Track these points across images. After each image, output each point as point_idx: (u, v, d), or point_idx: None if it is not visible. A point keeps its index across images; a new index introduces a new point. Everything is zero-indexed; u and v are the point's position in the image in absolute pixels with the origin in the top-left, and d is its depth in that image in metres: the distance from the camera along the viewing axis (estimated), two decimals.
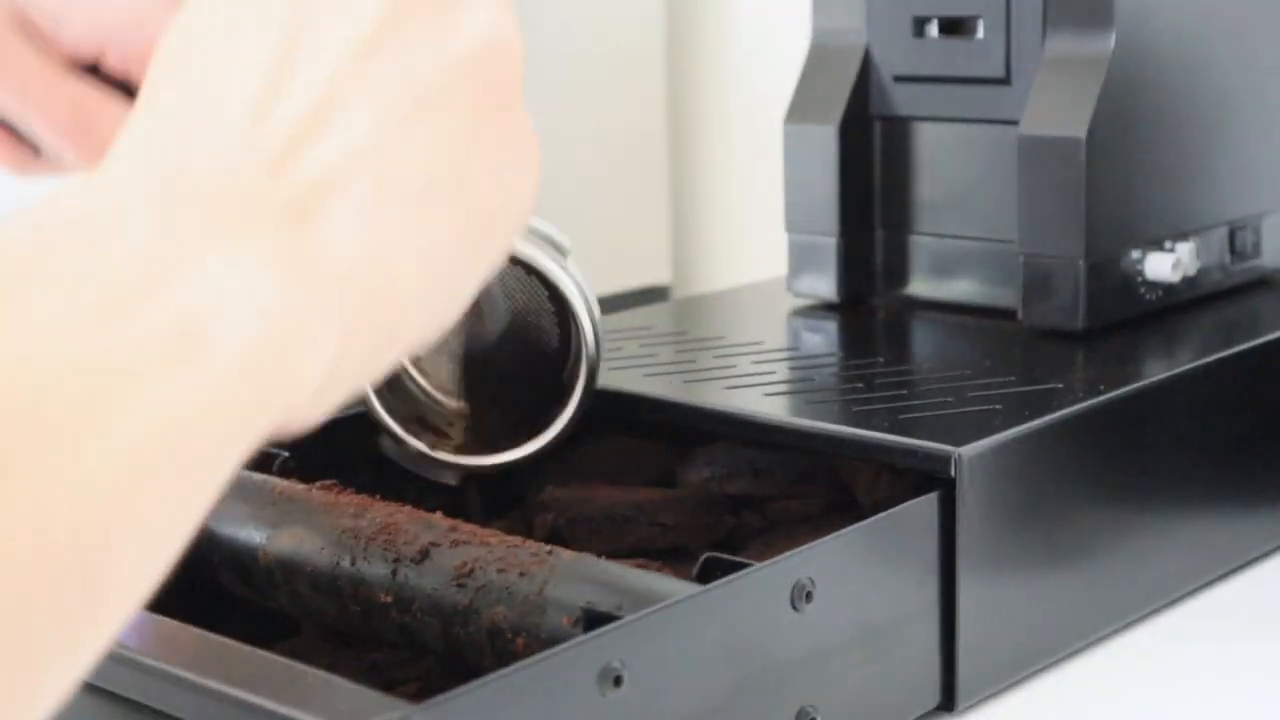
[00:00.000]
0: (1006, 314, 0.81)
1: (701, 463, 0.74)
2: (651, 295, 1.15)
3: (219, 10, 0.39)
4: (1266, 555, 0.77)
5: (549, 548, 0.58)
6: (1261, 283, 0.89)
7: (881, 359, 0.78)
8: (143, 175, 0.36)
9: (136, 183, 0.36)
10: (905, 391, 0.71)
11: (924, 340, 0.83)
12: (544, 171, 0.40)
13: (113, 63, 0.54)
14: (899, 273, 0.86)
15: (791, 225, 0.87)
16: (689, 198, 1.19)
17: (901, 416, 0.66)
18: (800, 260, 0.87)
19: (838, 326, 0.85)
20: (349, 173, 0.36)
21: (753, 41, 1.14)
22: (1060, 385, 0.71)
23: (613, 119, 1.13)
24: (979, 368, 0.74)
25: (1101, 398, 0.68)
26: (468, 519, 0.62)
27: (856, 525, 0.60)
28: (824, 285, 0.86)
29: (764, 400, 0.72)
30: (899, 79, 0.84)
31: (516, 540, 0.59)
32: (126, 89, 0.55)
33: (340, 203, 0.36)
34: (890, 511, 0.61)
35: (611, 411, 0.72)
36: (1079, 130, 0.76)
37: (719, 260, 1.20)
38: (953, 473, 0.61)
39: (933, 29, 0.83)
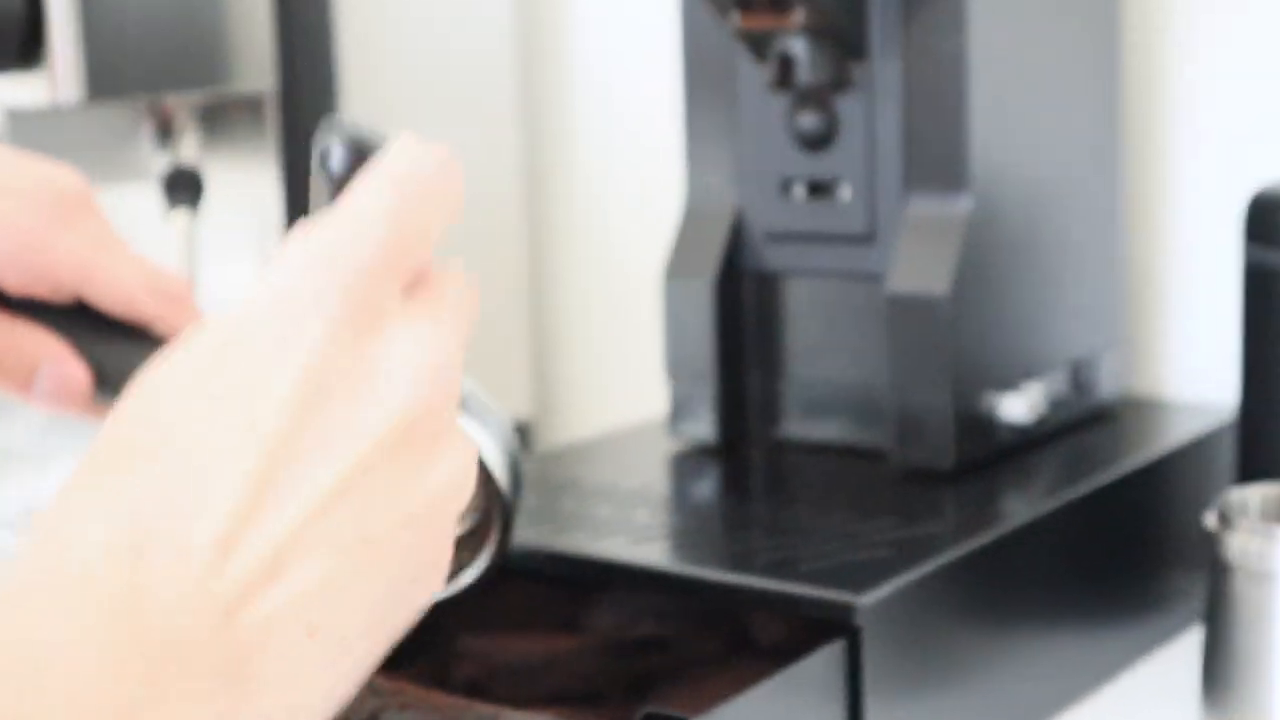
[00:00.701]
0: (877, 455, 0.87)
1: (606, 608, 0.78)
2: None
3: (200, 391, 0.39)
4: (1131, 665, 0.85)
5: (492, 710, 0.62)
6: (1100, 415, 0.96)
7: (770, 503, 0.84)
8: (95, 597, 0.36)
9: (89, 605, 0.36)
10: (798, 539, 0.76)
11: (805, 482, 0.88)
12: None
13: (14, 287, 0.58)
14: (775, 416, 0.92)
15: (672, 373, 0.92)
16: (552, 330, 1.24)
17: (802, 566, 0.72)
18: (681, 405, 0.92)
19: (720, 471, 0.90)
20: (293, 620, 0.38)
21: (621, 187, 1.19)
22: (939, 528, 0.77)
23: (477, 260, 1.17)
24: (860, 509, 0.80)
25: (980, 540, 0.74)
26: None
27: (769, 680, 0.65)
28: (704, 429, 0.91)
29: (665, 551, 0.77)
30: (769, 236, 0.90)
31: (461, 702, 0.63)
32: (32, 306, 0.58)
33: (278, 653, 0.37)
34: (799, 664, 0.66)
35: (513, 562, 0.76)
36: (942, 288, 0.83)
37: (582, 396, 1.25)
38: (856, 621, 0.67)
39: (799, 190, 0.89)
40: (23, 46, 0.91)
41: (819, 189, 0.89)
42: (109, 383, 0.59)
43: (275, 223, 1.02)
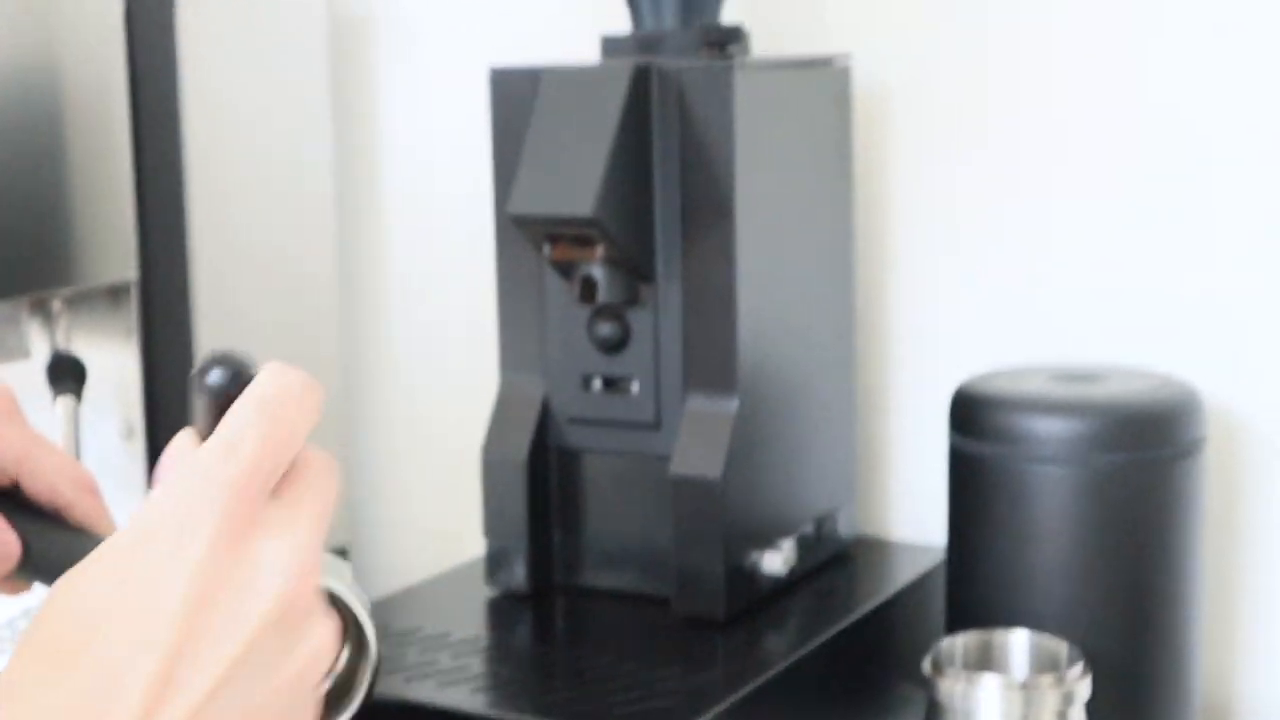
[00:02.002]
0: (662, 601, 1.06)
1: None
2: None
3: (106, 605, 0.50)
4: None
5: None
6: (839, 557, 1.16)
7: (571, 650, 1.02)
8: None
9: None
10: (596, 686, 0.95)
11: (601, 628, 1.07)
12: None
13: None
14: (577, 568, 1.10)
15: (489, 531, 1.10)
16: (367, 470, 1.40)
17: (616, 712, 0.90)
18: (496, 559, 1.10)
19: (529, 617, 1.08)
20: None
21: (440, 377, 1.37)
22: (713, 676, 0.96)
23: None
24: (647, 657, 0.99)
25: (748, 687, 0.94)
26: None
27: None
28: (516, 579, 1.10)
29: (475, 696, 0.95)
30: (571, 420, 1.09)
31: None
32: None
33: None
34: None
35: None
36: (715, 472, 1.02)
37: (395, 526, 1.41)
38: None
39: (598, 384, 1.08)
40: None
41: (614, 384, 1.07)
42: (29, 558, 0.74)
43: (136, 399, 1.18)
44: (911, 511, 1.24)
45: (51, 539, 0.71)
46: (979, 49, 1.17)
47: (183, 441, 0.56)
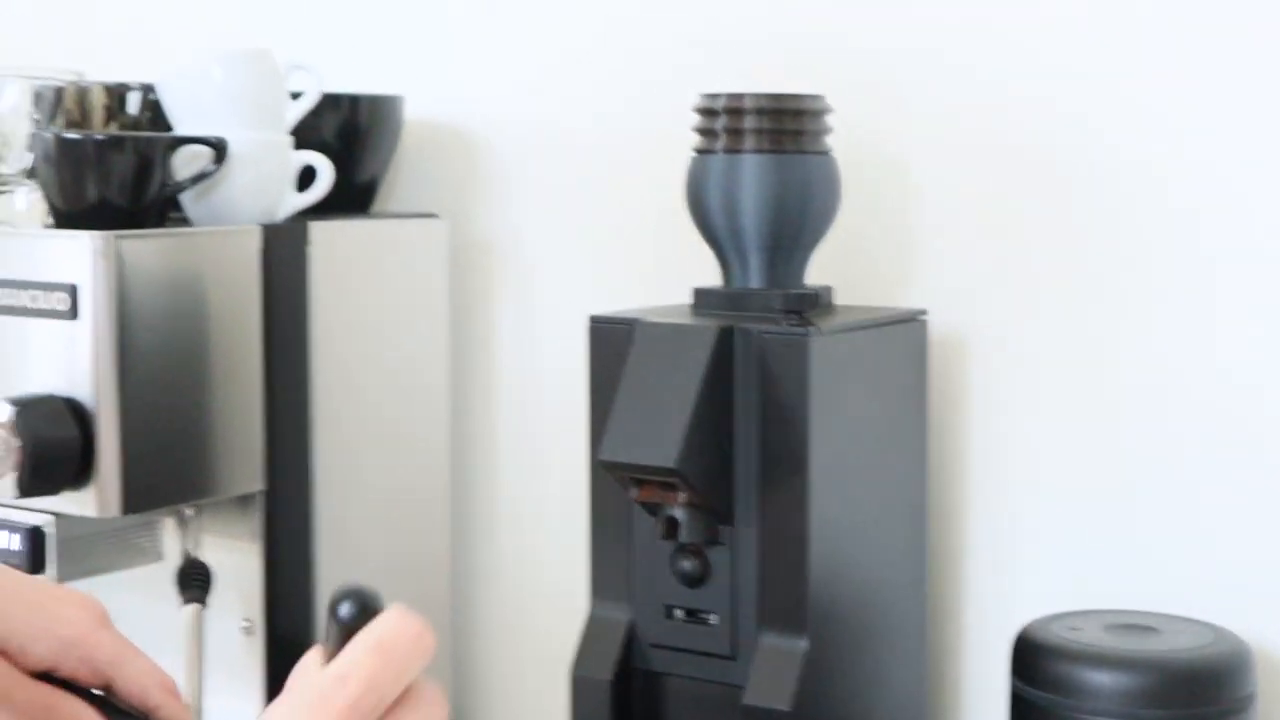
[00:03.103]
0: None
1: None
2: None
3: None
4: None
5: None
6: None
7: None
8: None
9: None
10: None
11: None
12: None
13: (65, 671, 0.83)
14: None
15: None
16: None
17: None
18: None
19: None
20: None
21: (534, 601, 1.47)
22: None
23: None
24: None
25: None
26: None
27: None
28: None
29: None
30: (654, 646, 1.17)
31: None
32: (74, 688, 0.84)
33: None
34: None
35: None
36: (784, 704, 1.10)
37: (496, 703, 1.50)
38: None
39: (679, 614, 1.16)
40: (77, 474, 1.16)
41: (694, 615, 1.15)
42: None
43: (257, 597, 1.27)
44: None
45: None
46: (1057, 301, 1.25)
47: (310, 659, 0.67)
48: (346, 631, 0.66)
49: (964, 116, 1.27)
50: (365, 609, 0.67)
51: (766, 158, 1.16)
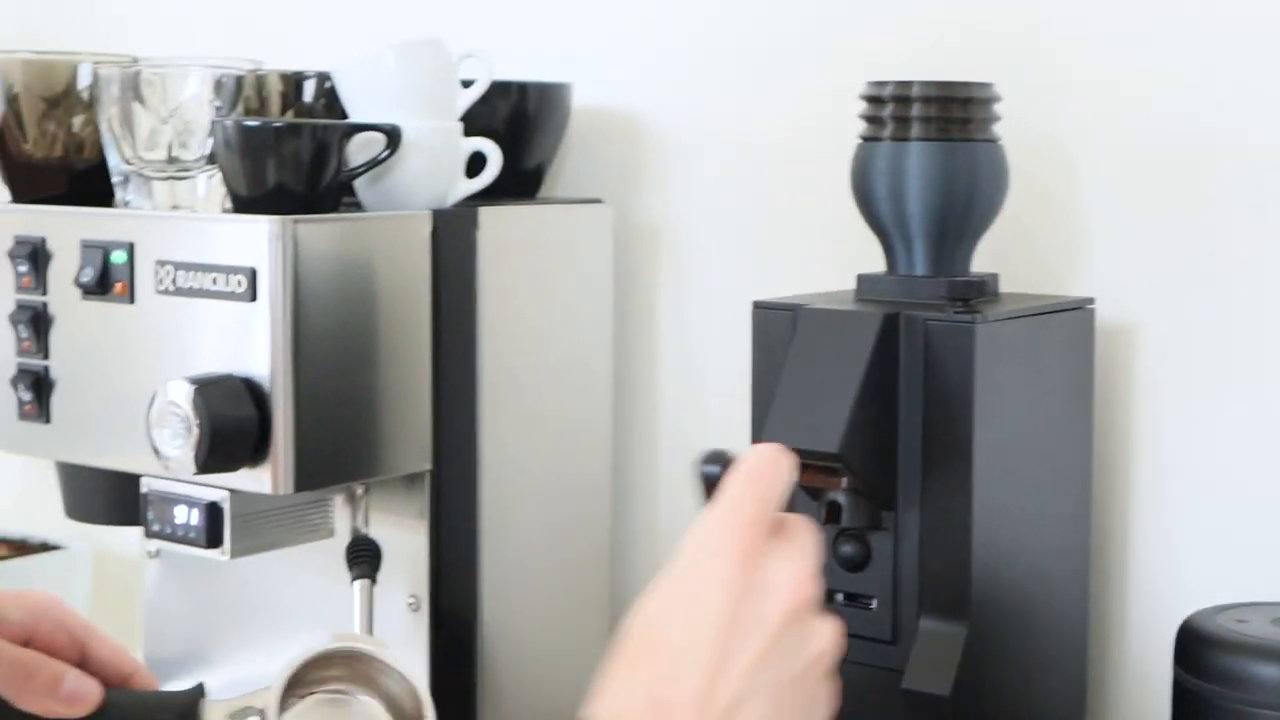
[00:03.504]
0: None
1: None
2: None
3: (670, 611, 0.69)
4: None
5: None
6: None
7: None
8: None
9: None
10: None
11: None
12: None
13: (42, 636, 0.89)
14: None
15: None
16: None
17: None
18: None
19: None
20: None
21: None
22: None
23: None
24: None
25: None
26: None
27: None
28: None
29: None
30: None
31: None
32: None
33: None
34: None
35: None
36: (944, 689, 1.10)
37: None
38: None
39: (839, 599, 1.17)
40: (253, 452, 1.20)
41: (854, 599, 1.16)
42: (105, 705, 0.90)
43: (424, 575, 1.30)
44: None
45: (122, 692, 0.87)
46: (1226, 291, 1.24)
47: (699, 521, 0.73)
48: (714, 486, 0.74)
49: (1132, 105, 1.26)
50: (727, 463, 0.75)
51: (934, 145, 1.16)
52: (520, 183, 1.42)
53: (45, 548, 1.73)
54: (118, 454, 1.27)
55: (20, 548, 1.73)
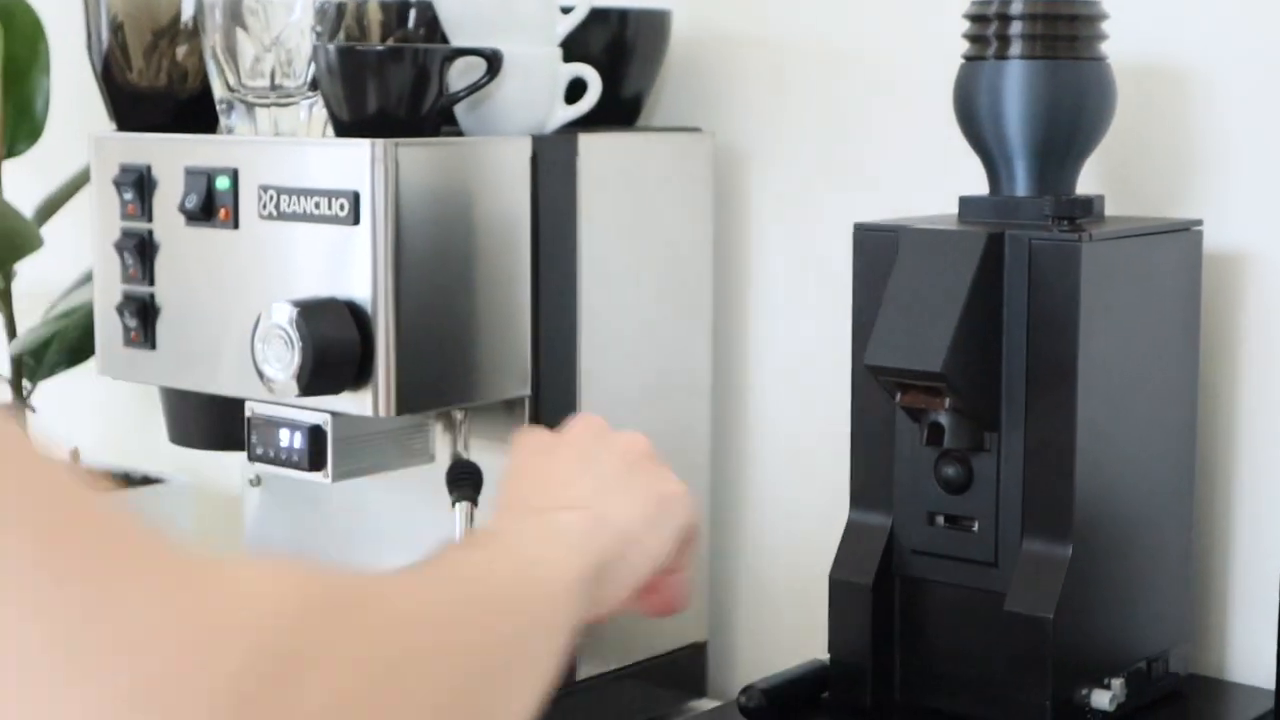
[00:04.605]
0: None
1: None
2: (692, 651, 1.46)
3: (538, 462, 0.89)
4: None
5: None
6: (1170, 695, 1.22)
7: None
8: (519, 530, 0.82)
9: (519, 532, 0.81)
10: None
11: None
12: None
13: None
14: (914, 689, 1.19)
15: (833, 648, 1.19)
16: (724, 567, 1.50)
17: None
18: (839, 679, 1.19)
19: None
20: (620, 528, 0.83)
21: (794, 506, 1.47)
22: None
23: None
24: None
25: None
26: None
27: None
28: (858, 697, 1.18)
29: None
30: (915, 552, 1.17)
31: None
32: None
33: (614, 529, 0.83)
34: None
35: None
36: (1047, 611, 1.10)
37: (750, 620, 1.52)
38: None
39: (940, 520, 1.16)
40: (355, 375, 1.20)
41: (956, 521, 1.16)
42: None
43: None
44: (1248, 654, 1.27)
45: None
46: None
47: None
48: None
49: (1245, 22, 1.24)
50: None
51: (1039, 64, 1.15)
52: (619, 111, 1.42)
53: (147, 481, 1.75)
54: (222, 379, 1.29)
55: (124, 481, 1.75)
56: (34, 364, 1.71)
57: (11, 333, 1.71)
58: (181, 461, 1.81)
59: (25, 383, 1.71)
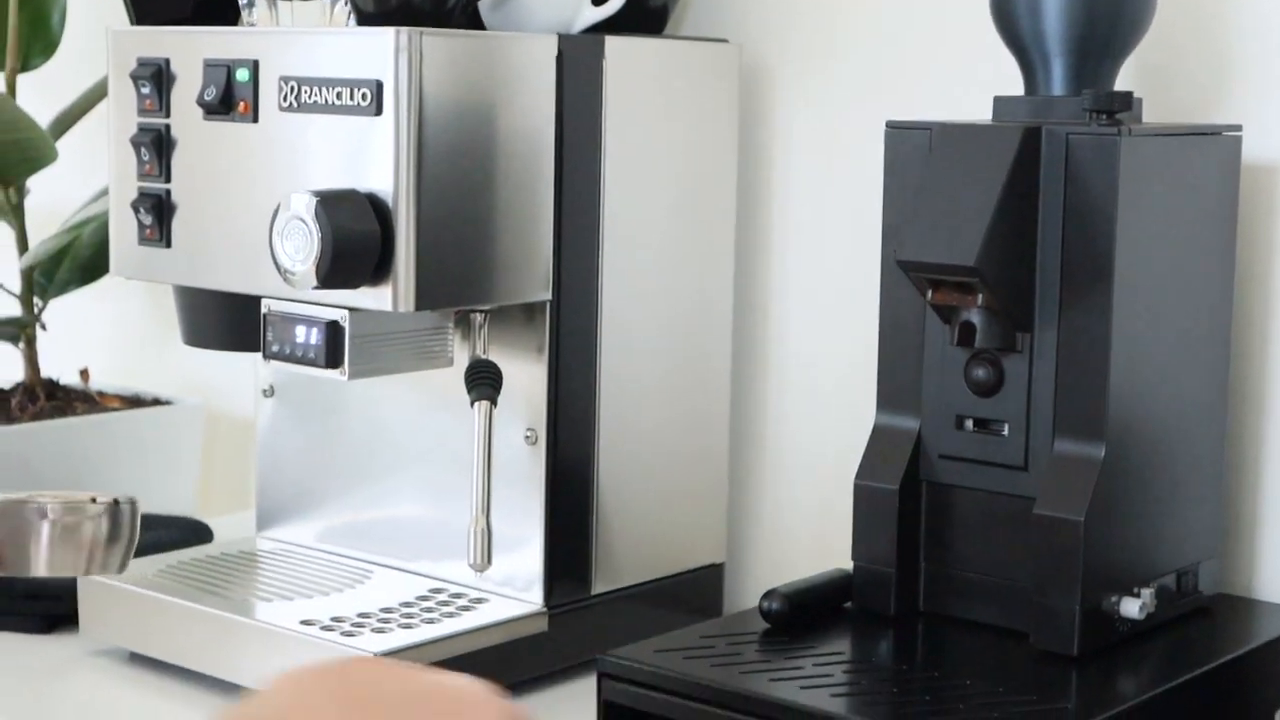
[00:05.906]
0: (1019, 635, 1.12)
1: None
2: (709, 573, 1.44)
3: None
4: None
5: None
6: (1199, 610, 1.19)
7: (929, 670, 1.08)
8: None
9: None
10: (950, 703, 1.01)
11: (960, 653, 1.13)
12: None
13: None
14: (940, 597, 1.16)
15: (857, 555, 1.17)
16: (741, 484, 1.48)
17: None
18: (864, 583, 1.17)
19: (892, 637, 1.15)
20: None
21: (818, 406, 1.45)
22: (1065, 704, 1.01)
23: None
24: (1002, 682, 1.04)
25: (1101, 715, 0.98)
26: None
27: None
28: (882, 602, 1.16)
29: (834, 700, 1.02)
30: (942, 457, 1.15)
31: None
32: None
33: None
34: None
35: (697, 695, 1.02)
36: (1079, 514, 1.07)
37: (767, 543, 1.50)
38: None
39: (969, 424, 1.14)
40: (375, 269, 1.18)
41: (985, 425, 1.13)
42: None
43: (541, 408, 1.29)
44: (1278, 574, 1.25)
45: None
46: None
47: None
48: None
49: None
50: None
51: None
52: (645, 18, 1.39)
53: (157, 403, 1.73)
54: (239, 276, 1.26)
55: (133, 402, 1.73)
56: (45, 282, 1.69)
57: (23, 249, 1.68)
58: (192, 382, 1.80)
59: (36, 300, 1.69)
